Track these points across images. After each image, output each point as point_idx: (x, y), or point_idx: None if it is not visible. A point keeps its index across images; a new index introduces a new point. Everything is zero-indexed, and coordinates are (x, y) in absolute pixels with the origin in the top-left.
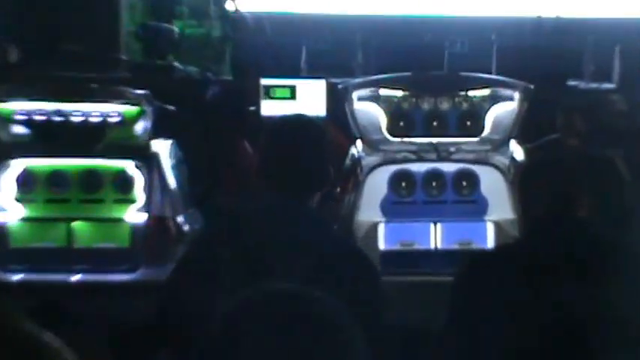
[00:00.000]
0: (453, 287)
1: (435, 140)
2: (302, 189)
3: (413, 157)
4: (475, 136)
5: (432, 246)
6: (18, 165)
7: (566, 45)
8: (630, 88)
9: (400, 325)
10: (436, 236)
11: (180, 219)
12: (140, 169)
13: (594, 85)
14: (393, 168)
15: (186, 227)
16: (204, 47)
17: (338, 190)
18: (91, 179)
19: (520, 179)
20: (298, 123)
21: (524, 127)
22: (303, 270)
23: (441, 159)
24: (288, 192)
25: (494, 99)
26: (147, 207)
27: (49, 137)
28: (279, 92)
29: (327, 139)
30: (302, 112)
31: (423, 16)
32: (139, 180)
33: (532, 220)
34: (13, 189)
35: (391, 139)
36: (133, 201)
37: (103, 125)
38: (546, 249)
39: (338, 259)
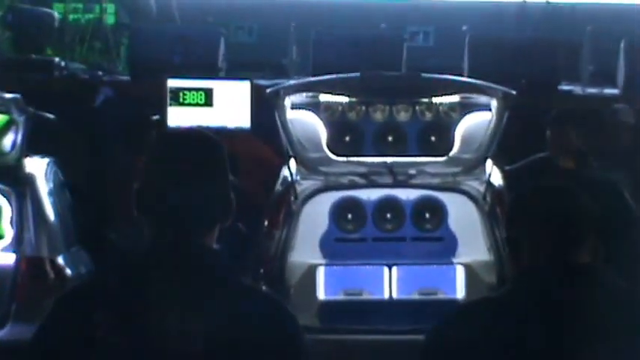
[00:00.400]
0: (424, 353)
1: (390, 160)
2: (189, 226)
3: (362, 181)
4: (441, 156)
5: (386, 295)
6: None
7: (559, 39)
8: (639, 94)
9: None
10: (391, 283)
11: (60, 260)
12: (7, 196)
13: (594, 91)
14: (336, 195)
15: (68, 271)
16: (92, 38)
17: (265, 223)
18: None
19: (508, 212)
20: (182, 139)
21: (503, 144)
22: (199, 332)
23: (397, 184)
24: (169, 229)
25: (466, 108)
26: (16, 245)
27: None
28: (190, 97)
29: (225, 162)
30: (196, 127)
31: None
32: (5, 210)
33: (520, 268)
34: None
35: (334, 158)
36: None
37: None
38: (541, 305)
39: (241, 315)
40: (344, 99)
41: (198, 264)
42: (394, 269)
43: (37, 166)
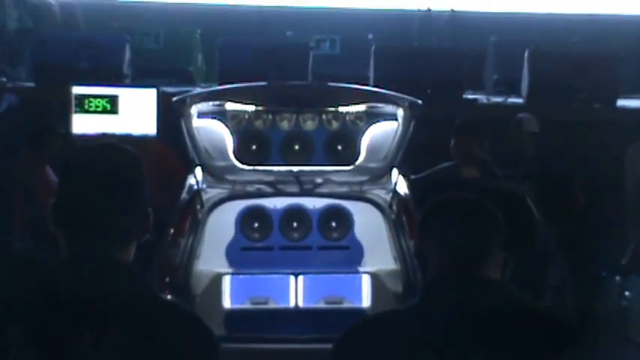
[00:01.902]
0: None
1: (296, 169)
2: (104, 241)
3: (268, 190)
4: (347, 165)
5: (292, 304)
6: None
7: (464, 47)
8: (543, 103)
9: None
10: (297, 292)
11: None
12: None
13: (498, 100)
14: (242, 204)
15: None
16: None
17: (171, 231)
18: None
19: (418, 224)
20: (99, 152)
21: (409, 153)
22: (113, 347)
23: (304, 193)
24: (84, 245)
25: (372, 117)
26: None
27: None
28: (95, 104)
29: (142, 174)
30: (110, 140)
31: (282, 7)
32: None
33: (428, 281)
34: None
35: (240, 166)
36: None
37: None
38: (449, 318)
39: (154, 324)
40: (250, 107)
41: (112, 280)
42: (300, 278)
43: None
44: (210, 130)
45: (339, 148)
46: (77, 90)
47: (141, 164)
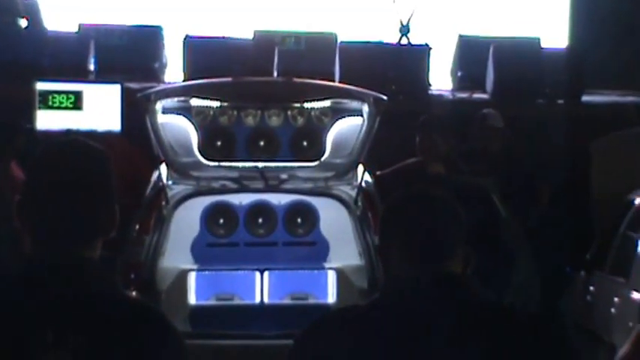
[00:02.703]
0: (291, 358)
1: (261, 165)
2: (70, 238)
3: (233, 186)
4: (313, 161)
5: (257, 300)
6: None
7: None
8: (508, 98)
9: None
10: (262, 288)
11: None
12: None
13: (463, 95)
14: (207, 200)
15: None
16: None
17: (136, 228)
18: None
19: (380, 220)
20: (65, 148)
21: (375, 149)
22: (78, 346)
23: (269, 189)
24: (49, 242)
25: (337, 113)
26: None
27: None
28: (59, 100)
29: (109, 171)
30: (75, 136)
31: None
32: None
33: (392, 277)
34: None
35: (205, 162)
36: None
37: None
38: (409, 314)
39: (118, 323)
40: (215, 103)
41: (77, 277)
42: (266, 274)
43: None
44: (175, 126)
45: (305, 144)
46: (41, 86)
47: (106, 160)
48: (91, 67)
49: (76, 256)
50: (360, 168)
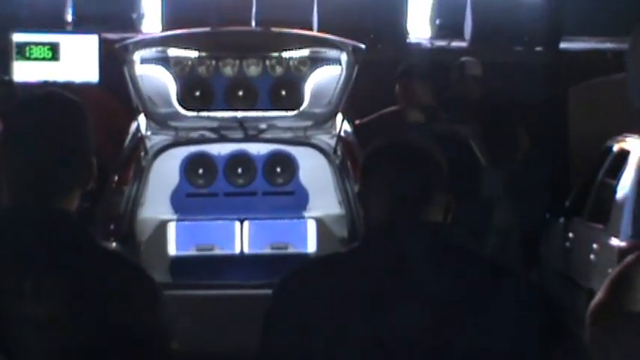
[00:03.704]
0: (270, 307)
1: (240, 115)
2: (46, 190)
3: (212, 136)
4: (292, 110)
5: (237, 250)
6: None
7: None
8: (486, 46)
9: (198, 353)
10: (242, 238)
11: None
12: None
13: (441, 44)
14: (186, 150)
15: None
16: None
17: (115, 178)
18: None
19: (360, 168)
20: (42, 101)
21: (354, 98)
22: (54, 298)
23: (248, 139)
24: (25, 194)
25: (316, 62)
26: None
27: None
28: (36, 51)
29: (86, 123)
30: (52, 88)
31: None
32: None
33: (371, 225)
34: None
35: (184, 112)
36: None
37: None
38: (387, 264)
39: (94, 274)
40: (194, 54)
41: (53, 229)
42: (246, 224)
43: None
44: (153, 76)
45: (283, 93)
46: (18, 37)
47: (83, 112)
48: (69, 17)
49: (52, 208)
50: (339, 117)
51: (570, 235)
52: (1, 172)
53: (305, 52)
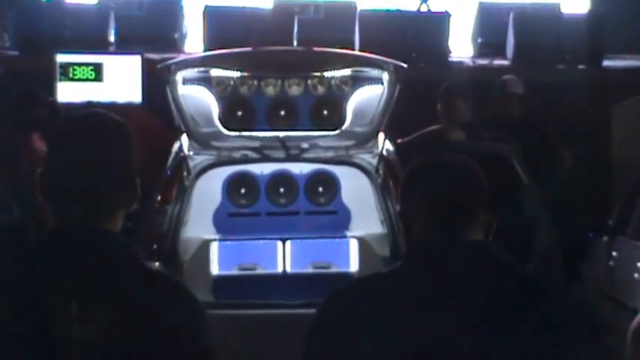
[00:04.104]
0: (314, 326)
1: (282, 134)
2: (91, 211)
3: (255, 156)
4: (333, 129)
5: (280, 270)
6: None
7: (449, 12)
8: (528, 64)
9: None
10: (285, 257)
11: None
12: None
13: (483, 62)
14: (229, 170)
15: None
16: None
17: (158, 198)
18: None
19: (401, 187)
20: (86, 121)
21: (395, 117)
22: (100, 319)
23: (290, 158)
24: (75, 213)
25: (358, 81)
26: None
27: None
28: (80, 72)
29: (130, 144)
30: (97, 109)
31: None
32: None
33: (413, 244)
34: None
35: (226, 132)
36: None
37: None
38: (431, 281)
39: (140, 294)
40: (236, 74)
41: (100, 249)
42: (288, 243)
43: None
44: (196, 96)
45: (325, 112)
46: (61, 58)
47: (127, 132)
48: (111, 38)
49: (98, 228)
50: (381, 136)
51: (614, 254)
52: (46, 192)
53: (347, 72)
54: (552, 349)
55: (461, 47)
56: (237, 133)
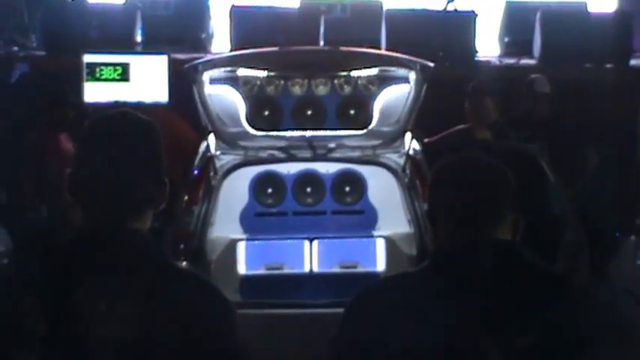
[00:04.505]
0: (341, 325)
1: (309, 134)
2: (121, 211)
3: (281, 155)
4: (360, 129)
5: (307, 269)
6: None
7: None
8: (555, 63)
9: None
10: (312, 257)
11: None
12: None
13: (510, 61)
14: (256, 170)
15: None
16: (6, 14)
17: (185, 199)
18: None
19: (428, 186)
20: (116, 121)
21: (422, 116)
22: (130, 314)
23: (317, 158)
24: (104, 213)
25: (384, 81)
26: None
27: None
28: (107, 72)
29: (159, 144)
30: (125, 108)
31: None
32: None
33: (440, 243)
34: None
35: (253, 132)
36: None
37: None
38: (459, 281)
39: (170, 293)
40: (262, 73)
41: (129, 249)
42: (315, 243)
43: None
44: (223, 96)
45: (352, 112)
46: (88, 58)
47: (157, 132)
48: (138, 38)
49: (127, 228)
50: (408, 135)
51: None
52: (75, 192)
53: (373, 71)
54: (579, 348)
55: (487, 46)
56: (263, 133)
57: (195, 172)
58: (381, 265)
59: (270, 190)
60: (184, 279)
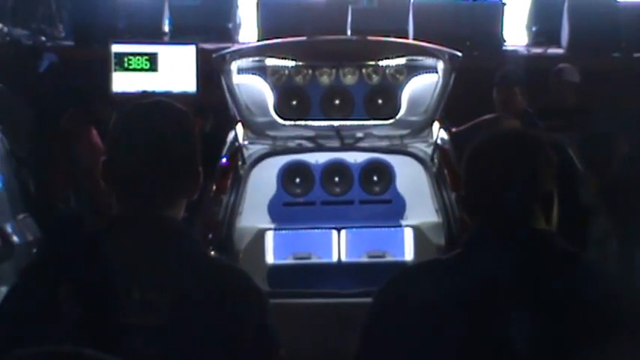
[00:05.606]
0: (370, 313)
1: (337, 124)
2: (155, 199)
3: (309, 145)
4: (388, 118)
5: (335, 259)
6: None
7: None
8: (583, 52)
9: None
10: (340, 246)
11: (8, 228)
12: None
13: (538, 50)
14: (284, 159)
15: (15, 238)
16: (35, 4)
17: (213, 188)
18: None
19: (463, 168)
20: (151, 110)
21: (450, 106)
22: (163, 305)
23: (345, 147)
24: (138, 201)
25: (412, 70)
26: None
27: None
28: (135, 62)
29: (193, 133)
30: (159, 97)
31: None
32: None
33: (475, 228)
34: None
35: (281, 122)
36: None
37: None
38: (493, 271)
39: (203, 282)
40: (290, 63)
41: (162, 237)
42: (343, 232)
43: None
44: (251, 86)
45: (380, 102)
46: (116, 48)
47: (191, 121)
48: (166, 28)
49: (160, 216)
50: (436, 125)
51: None
52: (110, 180)
53: (401, 61)
54: (612, 337)
55: (515, 36)
56: (291, 123)
57: (224, 161)
58: (409, 255)
59: (298, 180)
60: (217, 267)
